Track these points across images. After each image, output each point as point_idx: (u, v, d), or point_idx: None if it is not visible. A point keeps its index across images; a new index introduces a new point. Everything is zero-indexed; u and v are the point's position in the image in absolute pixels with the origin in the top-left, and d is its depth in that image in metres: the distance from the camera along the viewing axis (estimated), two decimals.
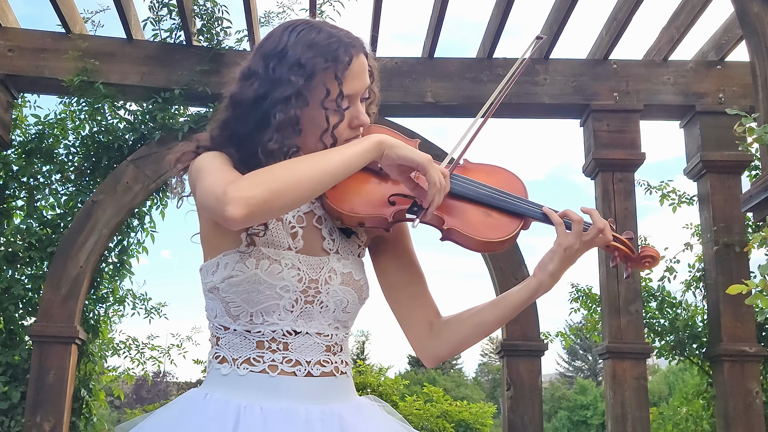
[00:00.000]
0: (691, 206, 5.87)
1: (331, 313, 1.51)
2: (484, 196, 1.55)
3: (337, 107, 1.46)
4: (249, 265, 1.44)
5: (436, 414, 9.36)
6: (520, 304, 1.56)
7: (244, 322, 1.47)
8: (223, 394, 1.44)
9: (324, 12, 5.32)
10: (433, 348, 1.62)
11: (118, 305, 5.86)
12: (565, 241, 1.51)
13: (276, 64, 1.45)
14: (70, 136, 5.70)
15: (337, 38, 1.47)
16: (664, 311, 5.81)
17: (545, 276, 1.53)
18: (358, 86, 1.49)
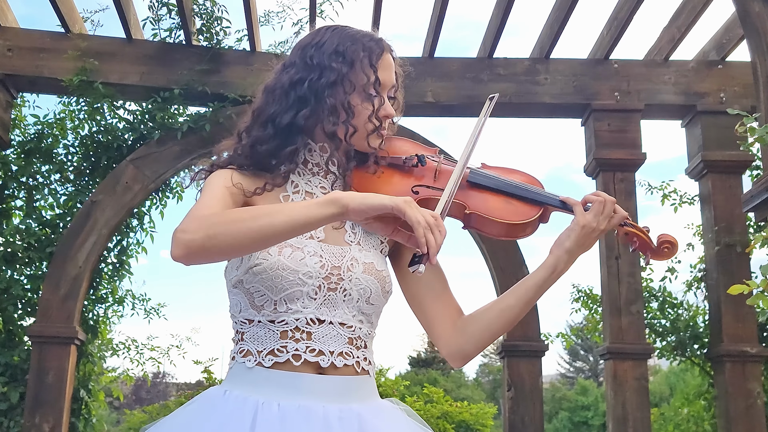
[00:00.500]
0: (692, 206, 5.86)
1: (355, 303, 1.51)
2: (503, 185, 1.60)
3: (376, 92, 1.57)
4: (272, 253, 1.46)
5: (436, 415, 9.34)
6: (541, 284, 1.57)
7: (268, 312, 1.48)
8: (242, 390, 1.45)
9: (324, 12, 5.31)
10: (458, 345, 1.62)
11: (117, 305, 5.85)
12: (582, 219, 1.55)
13: (314, 53, 1.57)
14: (70, 135, 5.69)
15: (368, 34, 1.62)
16: (666, 311, 5.80)
17: (562, 252, 1.56)
18: (387, 78, 1.59)
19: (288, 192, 1.57)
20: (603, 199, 1.57)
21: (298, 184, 1.58)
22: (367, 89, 1.55)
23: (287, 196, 1.56)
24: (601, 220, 1.56)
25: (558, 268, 1.56)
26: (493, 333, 1.60)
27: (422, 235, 1.33)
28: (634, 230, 1.60)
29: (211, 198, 1.46)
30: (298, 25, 5.42)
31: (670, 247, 1.59)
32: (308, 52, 1.58)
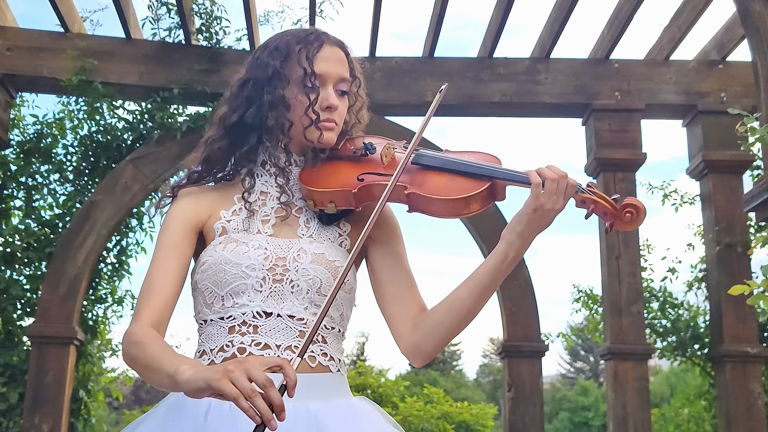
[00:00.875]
0: (693, 206, 5.85)
1: (305, 294, 1.49)
2: (448, 163, 1.54)
3: (312, 85, 1.56)
4: (218, 250, 1.51)
5: (436, 415, 9.33)
6: (494, 273, 1.48)
7: (217, 309, 1.49)
8: None
9: (324, 11, 5.31)
10: (413, 342, 1.55)
11: (116, 306, 5.84)
12: (534, 202, 1.44)
13: (260, 54, 1.61)
14: (69, 135, 5.69)
15: (313, 30, 1.63)
16: (666, 312, 5.79)
17: (514, 237, 1.46)
18: (328, 69, 1.58)
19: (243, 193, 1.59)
20: (555, 177, 1.43)
21: (254, 185, 1.59)
22: (303, 82, 1.56)
23: (241, 198, 1.59)
24: (555, 200, 1.44)
25: (510, 255, 1.46)
26: (448, 328, 1.51)
27: (246, 407, 1.19)
28: (591, 196, 1.47)
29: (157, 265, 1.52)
30: (297, 24, 5.42)
31: (634, 212, 1.46)
32: (255, 54, 1.63)
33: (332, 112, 1.58)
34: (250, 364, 1.22)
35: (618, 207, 1.47)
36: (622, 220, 1.48)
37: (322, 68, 1.57)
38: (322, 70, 1.57)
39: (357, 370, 10.57)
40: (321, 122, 1.56)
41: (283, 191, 1.58)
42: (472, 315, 1.51)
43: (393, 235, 1.65)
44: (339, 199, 1.55)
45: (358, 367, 10.72)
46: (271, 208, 1.58)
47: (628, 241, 5.24)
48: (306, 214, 1.60)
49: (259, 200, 1.59)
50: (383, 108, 5.40)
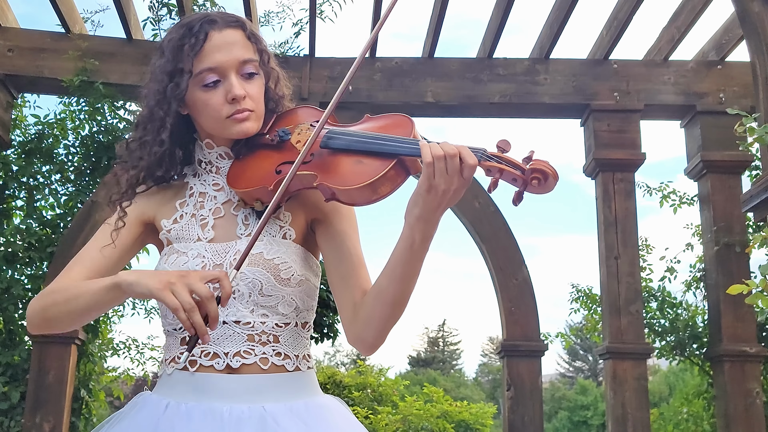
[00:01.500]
0: (691, 206, 5.87)
1: (248, 298, 1.46)
2: (354, 143, 1.41)
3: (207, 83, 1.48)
4: (161, 263, 1.53)
5: (436, 414, 9.34)
6: (405, 257, 1.37)
7: (170, 320, 1.50)
8: (161, 393, 1.48)
9: (323, 12, 5.32)
10: (355, 331, 1.48)
11: (117, 305, 5.86)
12: (425, 183, 1.31)
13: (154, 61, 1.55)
14: (70, 136, 5.70)
15: (198, 18, 1.51)
16: (665, 311, 5.81)
17: (413, 220, 1.34)
18: (220, 59, 1.47)
19: (185, 197, 1.58)
20: (443, 155, 1.30)
21: (193, 186, 1.58)
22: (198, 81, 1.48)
23: (183, 202, 1.58)
24: (450, 180, 1.30)
25: (417, 238, 1.35)
26: (380, 318, 1.43)
27: (185, 320, 1.27)
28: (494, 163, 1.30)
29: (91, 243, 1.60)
30: (298, 25, 5.44)
31: (541, 177, 1.28)
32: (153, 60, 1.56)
33: (240, 102, 1.48)
34: (191, 278, 1.29)
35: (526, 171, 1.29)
36: (531, 186, 1.30)
37: (215, 59, 1.47)
38: (215, 61, 1.47)
39: (357, 369, 10.57)
40: (232, 116, 1.48)
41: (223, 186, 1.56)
42: (400, 302, 1.42)
43: (337, 214, 1.55)
44: (262, 195, 1.47)
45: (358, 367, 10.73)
46: (208, 210, 1.54)
47: (627, 241, 5.25)
48: (245, 210, 1.53)
49: (198, 203, 1.56)
50: (383, 108, 5.41)
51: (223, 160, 1.56)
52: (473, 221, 5.38)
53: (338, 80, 5.46)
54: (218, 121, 1.50)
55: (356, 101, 5.28)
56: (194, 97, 1.50)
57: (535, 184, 1.29)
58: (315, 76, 5.45)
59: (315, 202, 1.54)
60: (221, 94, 1.48)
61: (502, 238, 5.35)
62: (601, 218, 5.34)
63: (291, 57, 5.48)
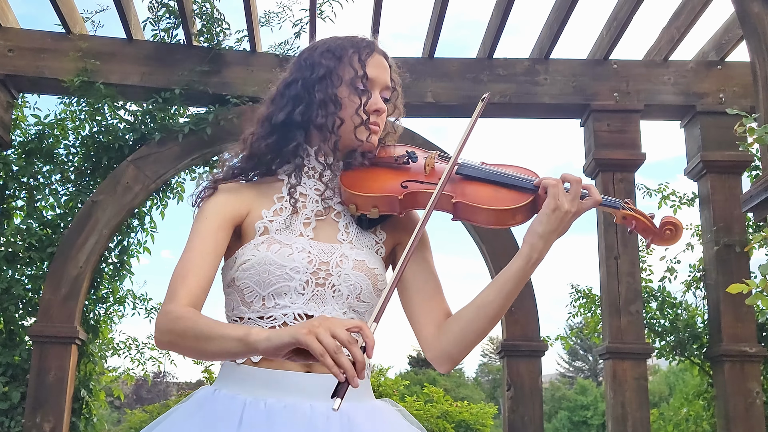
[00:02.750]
0: (691, 207, 5.87)
1: (345, 299, 1.52)
2: (492, 175, 1.59)
3: (364, 87, 1.60)
4: (261, 249, 1.51)
5: (436, 414, 9.35)
6: (519, 275, 1.52)
7: (257, 308, 1.50)
8: (230, 389, 1.47)
9: (323, 12, 5.32)
10: (441, 347, 1.58)
11: (118, 305, 5.86)
12: (552, 203, 1.49)
13: (308, 55, 1.65)
14: (70, 136, 5.70)
15: (363, 37, 1.68)
16: (665, 311, 5.81)
17: (536, 239, 1.50)
18: (377, 74, 1.62)
19: (282, 193, 1.60)
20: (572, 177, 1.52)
21: (294, 185, 1.61)
22: (354, 83, 1.59)
23: (282, 197, 1.59)
24: (572, 202, 1.50)
25: (534, 257, 1.51)
26: (476, 331, 1.55)
27: (331, 364, 1.22)
28: (633, 213, 1.54)
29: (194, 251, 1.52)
30: (298, 25, 5.43)
31: (673, 229, 1.53)
32: (303, 56, 1.66)
33: (379, 116, 1.61)
34: (333, 323, 1.26)
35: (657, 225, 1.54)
36: (662, 237, 1.54)
37: (373, 73, 1.61)
38: (373, 74, 1.61)
39: None
40: (369, 124, 1.60)
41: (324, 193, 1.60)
42: (498, 317, 1.54)
43: (422, 243, 1.67)
44: (383, 204, 1.57)
45: None
46: (311, 210, 1.59)
47: (626, 241, 5.26)
48: (345, 219, 1.61)
49: (299, 201, 1.59)
50: None
51: (328, 170, 1.62)
52: (478, 228, 5.37)
53: None
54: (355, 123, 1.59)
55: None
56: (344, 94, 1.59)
57: (668, 235, 1.53)
58: None
59: (405, 227, 1.66)
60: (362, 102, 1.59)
61: (502, 238, 5.35)
62: (601, 218, 5.34)
63: (291, 57, 5.46)
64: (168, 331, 1.43)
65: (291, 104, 1.60)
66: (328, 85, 1.58)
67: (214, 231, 1.54)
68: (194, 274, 1.49)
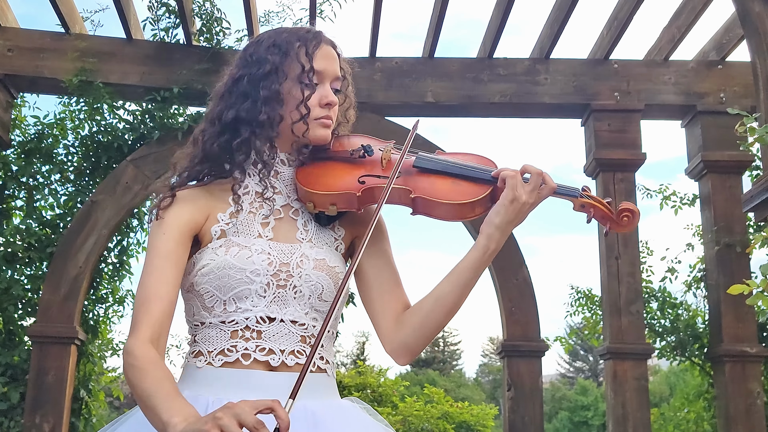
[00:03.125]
0: (692, 207, 5.86)
1: (307, 300, 1.50)
2: (450, 167, 1.57)
3: (309, 81, 1.56)
4: (219, 253, 1.49)
5: (436, 415, 9.34)
6: (475, 266, 1.51)
7: (218, 313, 1.49)
8: (193, 390, 1.45)
9: (323, 12, 5.32)
10: (399, 338, 1.56)
11: (117, 305, 5.86)
12: (510, 194, 1.48)
13: (253, 50, 1.61)
14: (70, 136, 5.70)
15: (309, 28, 1.64)
16: (665, 312, 5.80)
17: (492, 230, 1.49)
18: (326, 66, 1.58)
19: (238, 193, 1.57)
20: (531, 169, 1.51)
21: (248, 185, 1.58)
22: (301, 78, 1.56)
23: (237, 198, 1.56)
24: (530, 194, 1.49)
25: (491, 247, 1.50)
26: (433, 322, 1.53)
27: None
28: (591, 201, 1.54)
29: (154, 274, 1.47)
30: (298, 25, 5.43)
31: (630, 215, 1.54)
32: (249, 50, 1.62)
33: (331, 108, 1.58)
34: (239, 408, 1.19)
35: (615, 212, 1.54)
36: (619, 224, 1.54)
37: (321, 65, 1.57)
38: (321, 67, 1.57)
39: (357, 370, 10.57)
40: (320, 119, 1.57)
41: (281, 191, 1.58)
42: (456, 309, 1.53)
43: (380, 235, 1.66)
44: (341, 201, 1.54)
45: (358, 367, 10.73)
46: (268, 209, 1.56)
47: (627, 241, 5.25)
48: (303, 216, 1.59)
49: (255, 201, 1.57)
50: (383, 108, 5.41)
51: (284, 166, 1.61)
52: (473, 221, 5.37)
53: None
54: (297, 117, 1.56)
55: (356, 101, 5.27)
56: (289, 89, 1.56)
57: (625, 221, 1.54)
58: None
59: (362, 220, 1.64)
60: (316, 97, 1.57)
61: None
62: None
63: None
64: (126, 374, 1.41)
65: (239, 101, 1.57)
66: (274, 81, 1.55)
67: (173, 248, 1.49)
68: (155, 300, 1.44)
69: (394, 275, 1.64)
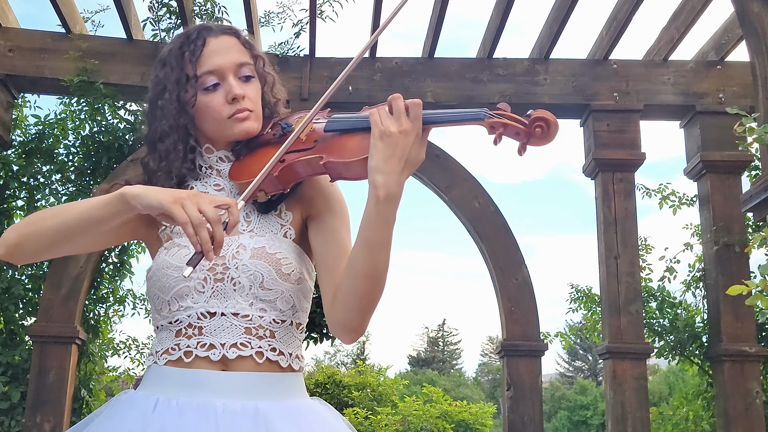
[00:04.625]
0: (691, 207, 5.87)
1: (248, 291, 1.48)
2: (359, 122, 1.47)
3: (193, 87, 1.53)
4: (161, 255, 1.52)
5: (435, 414, 9.36)
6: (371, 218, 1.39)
7: (165, 314, 1.50)
8: (148, 390, 1.47)
9: (324, 12, 5.32)
10: (333, 316, 1.50)
11: (118, 305, 5.87)
12: (375, 130, 1.38)
13: (156, 71, 1.60)
14: (70, 136, 5.71)
15: (195, 28, 1.59)
16: (664, 311, 5.82)
17: (374, 175, 1.37)
18: (218, 62, 1.54)
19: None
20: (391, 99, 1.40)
21: (194, 187, 1.58)
22: (193, 84, 1.53)
23: None
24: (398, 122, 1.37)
25: (380, 194, 1.36)
26: (356, 292, 1.44)
27: (192, 234, 1.31)
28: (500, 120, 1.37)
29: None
30: (298, 26, 5.44)
31: (544, 125, 1.35)
32: (155, 71, 1.61)
33: (240, 101, 1.54)
34: (202, 199, 1.33)
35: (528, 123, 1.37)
36: (533, 135, 1.37)
37: (214, 63, 1.54)
38: (215, 64, 1.54)
39: (357, 369, 10.59)
40: (234, 115, 1.53)
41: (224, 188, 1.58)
42: (371, 274, 1.42)
43: (328, 210, 1.59)
44: (266, 185, 1.50)
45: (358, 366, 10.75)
46: None
47: (626, 241, 5.26)
48: (245, 209, 1.56)
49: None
50: None
51: (223, 163, 1.60)
52: (473, 221, 5.39)
53: None
54: (220, 122, 1.54)
55: (356, 101, 5.28)
56: (196, 101, 1.55)
57: (538, 132, 1.36)
58: (315, 76, 5.46)
59: (311, 198, 1.60)
60: (221, 96, 1.53)
61: (501, 238, 5.35)
62: (601, 218, 5.35)
63: (291, 57, 5.49)
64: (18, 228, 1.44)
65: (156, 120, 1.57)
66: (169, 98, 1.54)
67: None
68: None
69: (338, 251, 1.54)
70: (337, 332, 1.52)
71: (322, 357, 39.00)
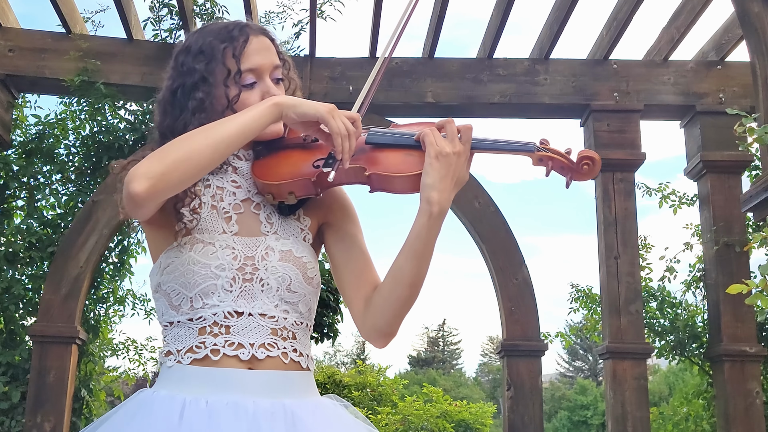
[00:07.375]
0: (691, 207, 5.87)
1: (275, 292, 1.49)
2: (401, 139, 1.54)
3: (236, 83, 1.54)
4: (184, 251, 1.49)
5: (435, 414, 9.36)
6: (423, 232, 1.47)
7: (185, 310, 1.48)
8: (170, 390, 1.44)
9: (324, 12, 5.32)
10: (369, 321, 1.54)
11: (118, 305, 5.87)
12: (431, 150, 1.46)
13: (183, 58, 1.58)
14: (71, 136, 5.71)
15: (233, 23, 1.61)
16: (665, 311, 5.81)
17: (428, 192, 1.45)
18: (261, 60, 1.57)
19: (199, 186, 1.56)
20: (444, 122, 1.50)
21: (209, 179, 1.58)
22: (227, 82, 1.54)
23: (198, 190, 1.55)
24: (452, 143, 1.46)
25: (434, 210, 1.45)
26: (397, 301, 1.50)
27: (339, 143, 1.44)
28: (548, 153, 1.49)
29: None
30: (298, 25, 5.45)
31: (591, 163, 1.51)
32: (179, 59, 1.59)
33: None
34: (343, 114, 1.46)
35: (574, 160, 1.50)
36: (580, 172, 1.51)
37: (255, 61, 1.56)
38: (256, 63, 1.56)
39: (357, 369, 10.58)
40: None
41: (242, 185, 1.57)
42: (415, 283, 1.49)
43: (346, 218, 1.65)
44: (298, 189, 1.53)
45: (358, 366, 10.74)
46: (228, 204, 1.55)
47: (626, 240, 5.26)
48: (265, 210, 1.57)
49: (216, 195, 1.56)
50: (383, 108, 5.42)
51: (241, 161, 1.59)
52: (473, 221, 5.39)
53: (339, 80, 5.48)
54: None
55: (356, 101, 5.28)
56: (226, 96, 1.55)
57: (585, 170, 1.51)
58: (316, 76, 5.46)
59: (329, 205, 1.63)
60: (258, 95, 1.56)
61: (502, 237, 5.35)
62: (601, 218, 5.35)
63: (291, 57, 5.48)
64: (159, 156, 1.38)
65: (178, 113, 1.54)
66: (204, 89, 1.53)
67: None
68: None
69: (363, 258, 1.61)
70: (371, 337, 1.57)
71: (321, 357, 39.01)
